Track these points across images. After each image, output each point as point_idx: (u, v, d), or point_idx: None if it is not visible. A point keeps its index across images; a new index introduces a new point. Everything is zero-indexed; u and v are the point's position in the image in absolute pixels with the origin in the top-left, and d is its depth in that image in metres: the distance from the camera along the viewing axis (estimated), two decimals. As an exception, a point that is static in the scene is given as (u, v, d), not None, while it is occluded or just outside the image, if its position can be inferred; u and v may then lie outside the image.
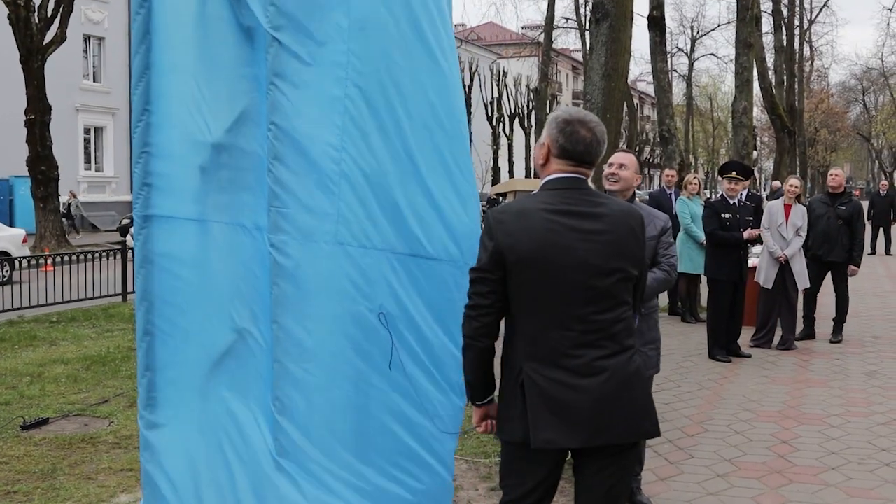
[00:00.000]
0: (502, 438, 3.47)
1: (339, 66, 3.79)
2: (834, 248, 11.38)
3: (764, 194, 35.45)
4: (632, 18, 7.83)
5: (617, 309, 3.33)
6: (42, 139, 25.70)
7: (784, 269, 10.86)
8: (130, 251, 15.59)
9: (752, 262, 11.38)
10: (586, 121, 3.45)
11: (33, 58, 25.26)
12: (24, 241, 20.68)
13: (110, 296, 15.38)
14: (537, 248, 3.27)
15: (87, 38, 37.55)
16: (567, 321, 3.28)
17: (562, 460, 3.42)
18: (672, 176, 14.17)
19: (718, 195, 10.92)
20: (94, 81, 38.40)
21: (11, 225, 27.28)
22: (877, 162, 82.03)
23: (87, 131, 38.02)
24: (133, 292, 4.79)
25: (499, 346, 3.46)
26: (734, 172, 10.52)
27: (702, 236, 11.60)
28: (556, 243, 3.27)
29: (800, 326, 11.48)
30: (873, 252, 26.01)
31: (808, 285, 11.17)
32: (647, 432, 3.43)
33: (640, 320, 5.35)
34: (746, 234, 10.38)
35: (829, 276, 11.60)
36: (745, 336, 11.05)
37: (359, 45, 3.81)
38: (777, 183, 26.24)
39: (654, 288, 5.28)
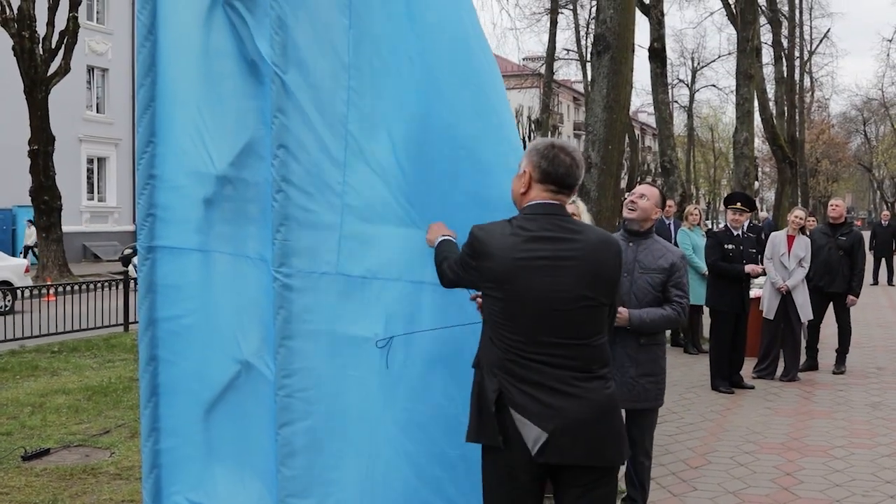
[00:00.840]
0: (476, 441, 3.52)
1: (342, 102, 3.81)
2: (835, 279, 11.37)
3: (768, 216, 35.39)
4: (633, 50, 7.87)
5: (587, 336, 3.41)
6: (45, 169, 25.77)
7: (786, 299, 10.85)
8: (133, 281, 15.64)
9: (754, 292, 11.37)
10: (566, 147, 3.56)
11: (37, 88, 25.39)
12: (27, 270, 20.69)
13: (112, 326, 15.36)
14: (509, 271, 3.38)
15: (90, 70, 37.73)
16: (537, 344, 3.37)
17: (539, 484, 3.46)
18: (670, 206, 14.19)
19: (722, 226, 10.92)
20: (98, 112, 38.54)
21: (14, 255, 27.30)
22: (878, 192, 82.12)
23: (90, 161, 38.12)
24: (135, 322, 4.80)
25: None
26: (739, 203, 10.53)
27: (703, 267, 11.59)
28: (527, 268, 3.37)
29: (802, 357, 11.45)
30: (875, 283, 25.98)
31: (812, 317, 11.15)
32: (610, 459, 3.45)
33: (639, 352, 5.38)
34: (749, 268, 10.36)
35: (831, 307, 11.59)
36: (748, 367, 11.02)
37: (360, 82, 3.83)
38: (763, 214, 26.37)
39: (660, 324, 5.29)
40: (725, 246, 10.38)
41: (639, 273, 5.42)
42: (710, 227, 12.89)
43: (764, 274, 11.11)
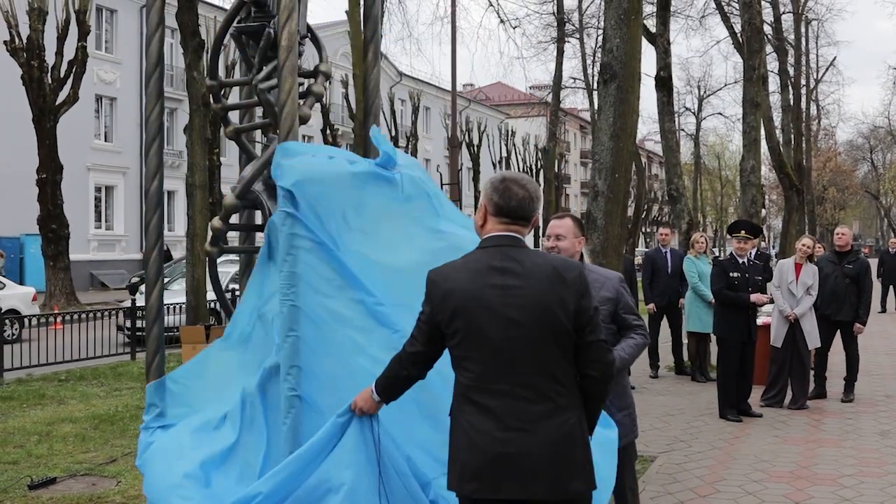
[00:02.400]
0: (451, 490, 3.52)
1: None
2: (842, 307, 11.35)
3: (773, 252, 35.42)
4: (639, 79, 7.89)
5: (545, 366, 3.38)
6: (53, 198, 25.89)
7: (794, 327, 10.82)
8: (139, 310, 15.68)
9: (762, 320, 11.34)
10: (518, 179, 3.60)
11: (46, 117, 25.54)
12: (34, 299, 20.73)
13: (119, 354, 15.38)
14: (464, 303, 3.40)
15: (99, 98, 37.96)
16: (496, 375, 3.37)
17: None
18: (666, 235, 14.20)
19: (728, 254, 10.91)
20: (106, 141, 38.74)
21: (21, 283, 27.36)
22: (886, 219, 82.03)
23: (97, 190, 38.28)
24: (142, 350, 4.81)
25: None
26: (743, 231, 10.53)
27: (710, 295, 11.56)
28: (480, 299, 3.39)
29: (811, 385, 11.40)
30: (884, 310, 25.89)
31: (819, 344, 11.12)
32: (576, 492, 3.40)
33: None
34: (754, 297, 10.33)
35: (838, 335, 11.55)
36: (756, 395, 10.97)
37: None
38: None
39: (635, 355, 5.17)
40: (731, 274, 10.37)
41: None
42: (717, 254, 12.85)
43: (771, 302, 11.08)
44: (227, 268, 17.53)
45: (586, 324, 3.45)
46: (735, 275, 10.36)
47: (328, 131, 41.73)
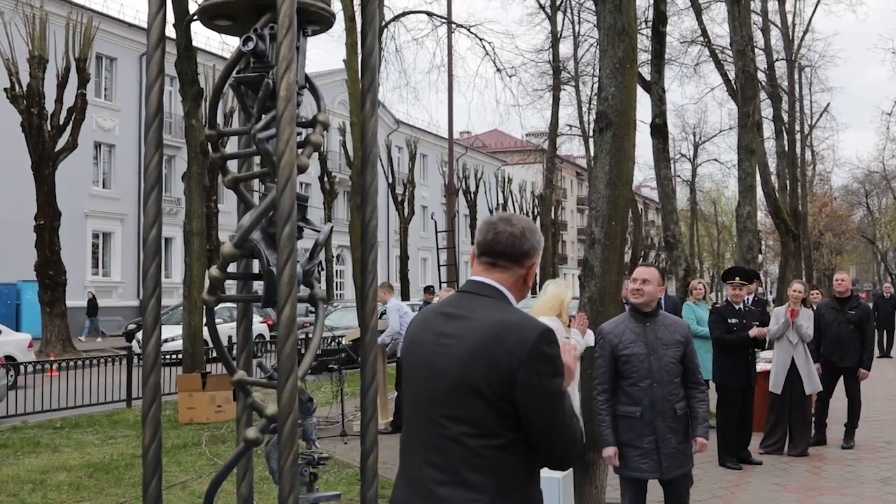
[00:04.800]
0: None
1: None
2: (847, 354, 11.34)
3: (770, 297, 35.41)
4: (635, 127, 7.94)
5: (462, 432, 2.84)
6: (51, 244, 25.92)
7: (793, 373, 10.80)
8: (136, 357, 15.62)
9: (761, 366, 11.32)
10: (508, 217, 3.13)
11: (45, 164, 25.65)
12: (30, 345, 20.67)
13: (115, 402, 15.30)
14: (407, 349, 3.13)
15: (97, 145, 38.14)
16: (414, 434, 3.02)
17: None
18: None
19: (724, 301, 10.93)
20: (104, 187, 38.87)
21: (18, 329, 27.30)
22: (882, 264, 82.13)
23: (95, 236, 38.34)
24: (139, 398, 4.79)
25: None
26: (737, 278, 10.58)
27: (708, 334, 11.53)
28: (418, 344, 3.06)
29: (811, 432, 11.34)
30: (881, 355, 25.84)
31: (819, 388, 11.10)
32: None
33: (677, 422, 5.72)
34: (753, 331, 10.36)
35: (840, 381, 11.53)
36: (755, 442, 10.92)
37: None
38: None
39: (704, 417, 5.90)
40: (729, 320, 10.40)
41: (662, 350, 5.71)
42: (714, 300, 12.83)
43: (770, 348, 11.06)
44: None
45: (529, 402, 2.81)
46: (733, 321, 10.39)
47: (325, 178, 41.93)
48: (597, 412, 5.82)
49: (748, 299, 11.53)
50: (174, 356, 16.93)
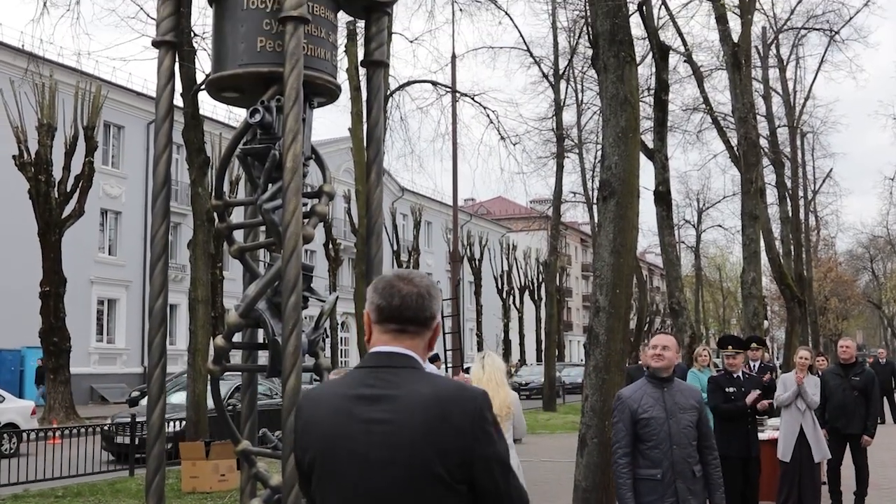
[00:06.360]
0: None
1: None
2: (853, 420, 11.28)
3: (777, 363, 35.21)
4: (638, 196, 8.00)
5: None
6: (56, 311, 25.92)
7: (801, 441, 10.69)
8: (140, 424, 15.55)
9: (767, 434, 11.22)
10: (405, 274, 2.82)
11: (51, 231, 25.77)
12: (33, 412, 20.59)
13: (117, 470, 15.19)
14: (320, 441, 2.69)
15: (104, 212, 38.35)
16: None
17: None
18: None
19: (721, 370, 10.86)
20: (109, 254, 38.99)
21: (21, 396, 27.21)
22: (889, 329, 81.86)
23: (100, 303, 38.36)
24: (141, 466, 4.77)
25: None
26: (730, 346, 10.51)
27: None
28: (338, 435, 2.66)
29: (826, 501, 11.19)
30: (883, 421, 25.61)
31: (829, 455, 10.99)
32: None
33: (695, 483, 5.87)
34: (749, 397, 10.15)
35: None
36: (765, 512, 10.77)
37: None
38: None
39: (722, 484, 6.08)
40: (727, 389, 10.27)
41: (680, 414, 5.97)
42: (719, 367, 12.78)
43: (776, 415, 10.97)
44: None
45: (486, 475, 2.63)
46: (731, 389, 10.25)
47: (330, 246, 42.05)
48: (618, 476, 6.01)
49: (753, 366, 11.46)
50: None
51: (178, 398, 18.47)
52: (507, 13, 33.35)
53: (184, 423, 15.89)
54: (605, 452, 7.84)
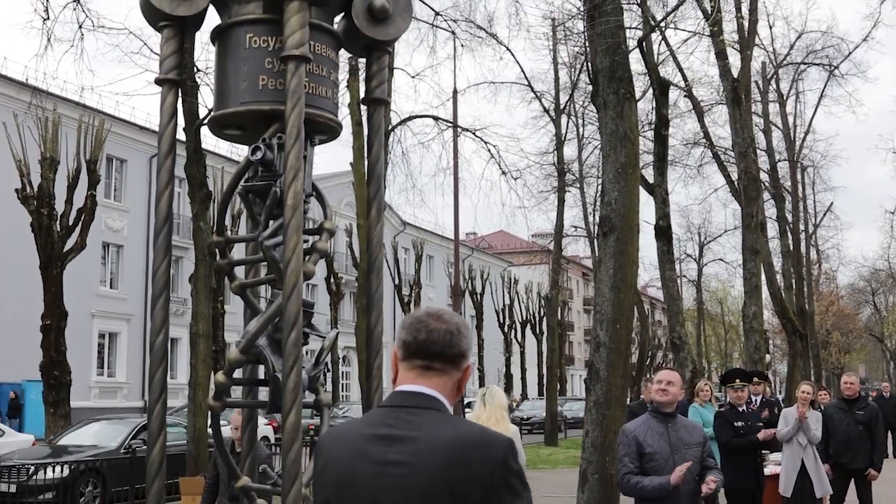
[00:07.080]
0: None
1: None
2: (857, 455, 11.23)
3: (780, 397, 35.10)
4: (638, 231, 8.03)
5: None
6: (57, 344, 25.82)
7: (803, 475, 10.65)
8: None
9: (770, 469, 11.18)
10: (435, 311, 2.71)
11: (53, 264, 25.73)
12: (33, 446, 20.49)
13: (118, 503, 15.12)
14: (335, 481, 2.60)
15: (105, 246, 38.40)
16: None
17: None
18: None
19: (727, 404, 10.85)
20: (111, 288, 39.00)
21: (21, 430, 27.10)
22: (892, 362, 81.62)
23: (101, 336, 38.32)
24: (142, 501, 4.76)
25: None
26: (737, 380, 10.53)
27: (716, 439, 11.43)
28: (354, 475, 2.56)
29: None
30: (887, 455, 25.48)
31: (830, 491, 10.93)
32: None
33: None
34: (761, 434, 10.24)
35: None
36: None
37: None
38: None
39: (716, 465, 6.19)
40: (735, 423, 10.29)
41: (685, 449, 6.03)
42: (721, 402, 12.77)
43: (778, 450, 10.94)
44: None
45: None
46: (739, 424, 10.29)
47: (332, 280, 42.04)
48: (632, 484, 6.00)
49: (755, 400, 11.44)
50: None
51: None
52: (508, 49, 33.47)
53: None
54: (606, 488, 7.83)
